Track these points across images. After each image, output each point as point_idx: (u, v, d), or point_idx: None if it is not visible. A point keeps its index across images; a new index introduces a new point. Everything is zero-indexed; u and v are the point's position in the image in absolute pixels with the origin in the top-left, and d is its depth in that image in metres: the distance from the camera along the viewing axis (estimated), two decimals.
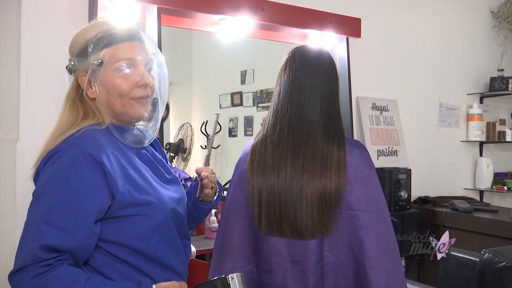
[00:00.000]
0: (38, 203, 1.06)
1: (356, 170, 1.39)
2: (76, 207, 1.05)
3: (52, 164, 1.08)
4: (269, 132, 1.43)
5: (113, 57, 1.15)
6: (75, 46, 1.18)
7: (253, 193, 1.41)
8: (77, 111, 1.17)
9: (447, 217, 3.03)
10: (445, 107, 3.61)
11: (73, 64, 1.17)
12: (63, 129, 1.14)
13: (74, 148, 1.08)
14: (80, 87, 1.17)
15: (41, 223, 1.02)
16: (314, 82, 1.42)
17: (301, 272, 1.39)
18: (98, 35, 1.16)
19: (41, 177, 1.09)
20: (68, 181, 1.05)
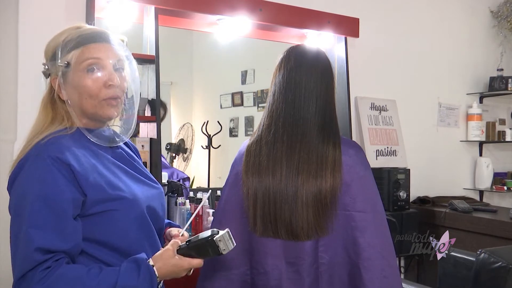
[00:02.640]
0: (19, 213, 1.07)
1: (351, 170, 1.38)
2: (57, 207, 1.06)
3: (24, 172, 1.10)
4: (264, 132, 1.43)
5: (80, 57, 1.16)
6: (48, 50, 1.20)
7: (248, 194, 1.40)
8: (45, 116, 1.20)
9: (446, 217, 3.02)
10: (444, 107, 3.61)
11: (47, 68, 1.20)
12: (32, 135, 1.17)
13: (42, 153, 1.10)
14: (53, 90, 1.19)
15: (29, 227, 1.03)
16: (309, 82, 1.41)
17: (297, 274, 1.38)
18: (67, 38, 1.18)
19: (16, 188, 1.10)
20: (42, 185, 1.07)
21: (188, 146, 3.12)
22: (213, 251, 1.14)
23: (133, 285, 1.06)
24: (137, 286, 1.06)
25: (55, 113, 1.20)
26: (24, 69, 2.09)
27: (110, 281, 1.05)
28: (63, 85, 1.16)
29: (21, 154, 1.15)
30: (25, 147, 1.15)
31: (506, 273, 1.79)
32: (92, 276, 1.04)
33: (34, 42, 2.10)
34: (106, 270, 1.07)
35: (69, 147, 1.13)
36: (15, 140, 2.06)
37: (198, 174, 3.12)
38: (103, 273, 1.06)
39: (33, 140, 1.14)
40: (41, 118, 1.20)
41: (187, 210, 2.37)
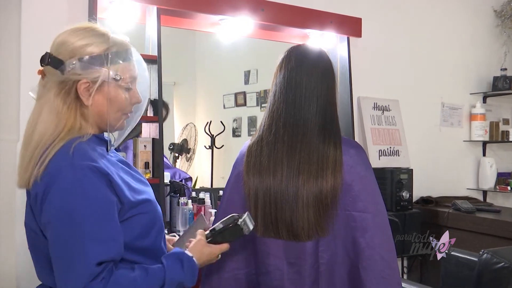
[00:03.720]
0: (67, 226, 1.03)
1: (352, 170, 1.37)
2: (106, 216, 1.06)
3: (61, 184, 1.04)
4: (265, 133, 1.42)
5: (124, 73, 1.15)
6: (79, 50, 1.12)
7: (249, 195, 1.40)
8: (59, 119, 1.11)
9: (449, 217, 3.01)
10: (447, 107, 3.59)
11: (72, 68, 1.12)
12: (45, 141, 1.09)
13: (76, 163, 1.06)
14: (73, 91, 1.13)
15: (84, 240, 1.02)
16: (310, 82, 1.40)
17: (298, 274, 1.38)
18: (114, 47, 1.15)
19: (53, 201, 1.04)
20: (88, 195, 1.04)
21: (191, 146, 3.12)
22: (238, 234, 1.27)
23: (180, 277, 1.14)
24: (183, 278, 1.15)
25: (74, 118, 1.13)
26: (26, 69, 2.09)
27: (159, 278, 1.11)
28: (98, 93, 1.13)
29: (31, 158, 1.08)
30: (35, 151, 1.09)
31: (509, 274, 1.78)
32: (142, 278, 1.08)
33: (37, 43, 2.10)
34: (152, 270, 1.11)
35: (97, 155, 1.11)
36: (18, 140, 2.06)
37: (201, 174, 3.12)
38: (150, 273, 1.10)
39: (52, 149, 1.07)
40: (50, 122, 1.11)
41: (189, 210, 2.37)
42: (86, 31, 1.15)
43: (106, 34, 1.16)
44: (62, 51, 1.13)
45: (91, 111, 1.14)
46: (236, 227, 1.27)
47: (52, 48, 1.16)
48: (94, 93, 1.12)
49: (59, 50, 1.14)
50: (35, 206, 1.07)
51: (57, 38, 1.17)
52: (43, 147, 1.08)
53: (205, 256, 1.24)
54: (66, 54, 1.12)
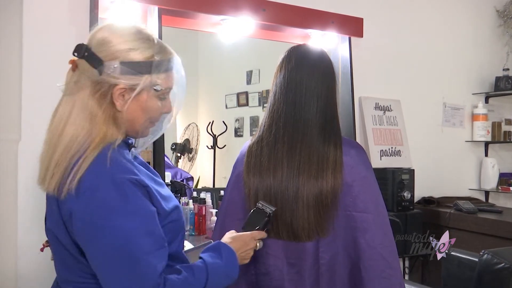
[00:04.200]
0: (119, 243, 0.99)
1: (353, 171, 1.37)
2: (153, 226, 1.05)
3: (105, 199, 1.00)
4: (265, 133, 1.42)
5: (165, 83, 1.11)
6: (122, 53, 1.06)
7: (250, 195, 1.40)
8: (93, 125, 1.05)
9: (451, 218, 3.00)
10: (449, 107, 3.58)
11: (112, 71, 1.05)
12: (77, 146, 1.03)
13: (116, 177, 1.02)
14: (108, 96, 1.07)
15: (143, 255, 1.01)
16: (310, 82, 1.40)
17: (298, 275, 1.38)
18: (158, 55, 1.10)
19: (99, 221, 0.99)
20: (133, 210, 1.02)
21: (193, 146, 3.13)
22: (262, 215, 1.31)
23: (220, 267, 1.16)
24: (224, 267, 1.17)
25: (108, 124, 1.07)
26: (28, 69, 2.10)
27: (203, 273, 1.12)
28: (134, 100, 1.07)
29: (60, 163, 1.02)
30: (67, 158, 1.02)
31: (509, 274, 1.77)
32: (191, 277, 1.09)
33: (38, 42, 2.11)
34: (196, 266, 1.13)
35: (132, 165, 1.08)
36: (20, 140, 2.07)
37: (203, 174, 3.13)
38: (195, 270, 1.11)
39: (88, 158, 1.01)
40: (81, 125, 1.05)
41: (190, 210, 2.37)
42: (132, 33, 1.09)
43: (152, 39, 1.11)
44: (103, 50, 1.06)
45: (123, 117, 1.09)
46: (256, 210, 1.32)
47: (90, 42, 1.08)
48: (132, 99, 1.07)
49: (100, 48, 1.06)
50: (69, 221, 1.02)
51: (96, 33, 1.10)
52: (74, 153, 1.02)
53: (239, 242, 1.26)
54: (107, 55, 1.06)
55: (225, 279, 1.18)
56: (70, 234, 1.04)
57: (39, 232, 2.02)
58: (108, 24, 1.12)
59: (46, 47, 2.12)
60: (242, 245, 1.26)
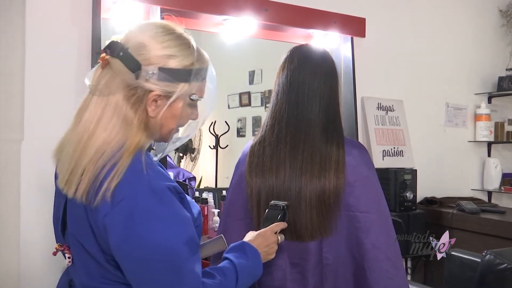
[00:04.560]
0: (162, 253, 0.98)
1: (355, 171, 1.38)
2: (192, 232, 1.05)
3: (144, 213, 0.97)
4: (267, 133, 1.43)
5: (200, 92, 1.11)
6: (161, 59, 1.03)
7: (252, 195, 1.41)
8: (129, 132, 1.02)
9: (453, 218, 3.00)
10: (452, 107, 3.58)
11: (150, 77, 1.02)
12: (109, 152, 0.99)
13: (156, 186, 0.99)
14: (143, 101, 1.04)
15: (186, 262, 1.01)
16: (312, 82, 1.41)
17: (301, 275, 1.38)
18: (197, 64, 1.08)
19: (142, 232, 0.96)
20: (173, 218, 1.00)
21: (195, 146, 3.13)
22: (277, 210, 1.32)
23: (247, 266, 1.17)
24: (251, 266, 1.19)
25: (143, 131, 1.05)
26: (31, 68, 2.10)
27: (233, 273, 1.14)
28: (165, 107, 1.05)
29: (96, 171, 0.98)
30: (98, 163, 0.98)
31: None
32: (224, 279, 1.11)
33: (40, 42, 2.12)
34: (226, 268, 1.14)
35: (162, 169, 1.07)
36: (22, 139, 2.08)
37: (206, 174, 3.13)
38: (226, 272, 1.13)
39: (119, 163, 0.98)
40: (124, 132, 1.01)
41: None
42: (173, 38, 1.06)
43: (192, 46, 1.08)
44: (142, 54, 1.03)
45: (154, 123, 1.07)
46: (270, 207, 1.33)
47: (127, 42, 1.05)
48: (166, 107, 1.04)
49: (139, 51, 1.03)
50: (102, 230, 0.98)
51: (135, 33, 1.06)
52: (107, 160, 0.98)
53: (260, 238, 1.26)
54: (146, 59, 1.02)
55: (251, 278, 1.19)
56: (98, 242, 1.01)
57: (42, 231, 2.05)
58: (147, 25, 1.08)
59: (48, 47, 2.13)
60: (263, 241, 1.26)
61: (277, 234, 1.30)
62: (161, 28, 1.07)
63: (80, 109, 1.06)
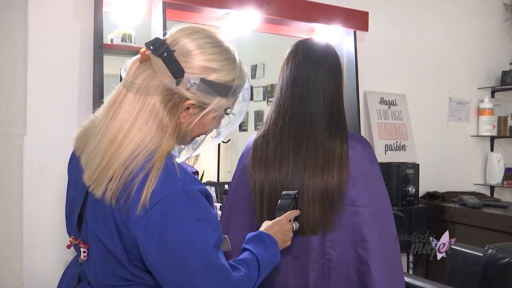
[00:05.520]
0: (197, 253, 1.00)
1: (358, 165, 1.38)
2: (221, 233, 1.08)
3: (179, 216, 0.98)
4: (271, 127, 1.44)
5: (232, 106, 1.12)
6: (205, 71, 1.04)
7: (255, 188, 1.42)
8: (163, 138, 1.01)
9: (455, 213, 3.01)
10: (455, 101, 3.58)
11: (190, 85, 1.02)
12: (143, 155, 0.99)
13: (189, 190, 1.01)
14: (179, 110, 1.05)
15: (219, 261, 1.04)
16: (317, 76, 1.41)
17: (302, 268, 1.39)
18: (238, 80, 1.10)
19: (172, 225, 0.98)
20: (206, 220, 1.02)
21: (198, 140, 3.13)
22: (289, 199, 1.34)
23: (267, 255, 1.20)
24: (270, 254, 1.21)
25: (175, 138, 1.06)
26: (33, 63, 2.11)
27: (255, 263, 1.16)
28: (198, 118, 1.06)
29: (129, 174, 0.98)
30: (131, 165, 0.98)
31: None
32: (249, 271, 1.13)
33: (43, 36, 2.12)
34: (248, 259, 1.16)
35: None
36: (25, 134, 2.09)
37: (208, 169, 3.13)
38: (249, 263, 1.15)
39: (153, 168, 0.98)
40: (159, 138, 1.01)
41: None
42: (220, 52, 1.06)
43: (236, 61, 1.10)
44: (187, 62, 1.03)
45: (183, 130, 1.08)
46: (281, 198, 1.34)
47: (173, 44, 1.04)
48: (195, 116, 1.05)
49: (184, 58, 1.03)
50: (137, 234, 0.98)
51: (183, 38, 1.05)
52: (139, 164, 0.98)
53: (276, 227, 1.29)
54: (190, 67, 1.03)
55: (270, 266, 1.23)
56: (123, 242, 1.01)
57: (44, 226, 2.06)
58: (197, 31, 1.07)
59: (50, 41, 2.14)
60: (279, 229, 1.29)
61: (292, 221, 1.33)
62: (211, 38, 1.07)
63: (112, 102, 1.04)
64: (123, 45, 2.31)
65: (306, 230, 1.37)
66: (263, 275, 1.19)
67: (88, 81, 2.18)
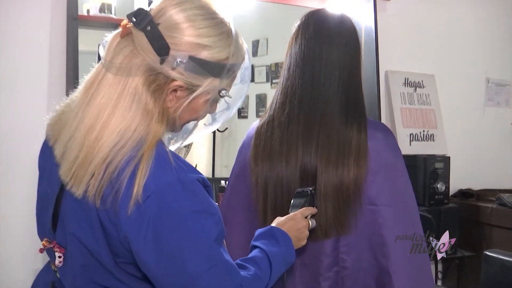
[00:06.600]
0: (199, 247, 1.02)
1: (379, 157, 1.39)
2: (223, 224, 1.09)
3: (168, 202, 0.99)
4: (276, 112, 1.44)
5: (229, 87, 1.13)
6: (194, 48, 1.03)
7: (257, 184, 1.42)
8: (149, 126, 1.02)
9: (492, 214, 3.02)
10: (493, 83, 3.58)
11: (177, 64, 1.02)
12: (129, 146, 0.99)
13: (185, 179, 1.01)
14: (165, 92, 1.04)
15: (222, 253, 1.05)
16: (331, 52, 1.41)
17: (312, 278, 1.40)
18: (233, 57, 1.09)
19: (168, 219, 0.99)
20: (208, 207, 1.04)
21: None
22: (304, 195, 1.35)
23: (279, 252, 1.22)
24: (283, 251, 1.23)
25: (162, 124, 1.05)
26: None
27: (266, 261, 1.18)
28: (187, 101, 1.06)
29: (115, 168, 0.98)
30: (116, 159, 0.98)
31: None
32: (258, 270, 1.15)
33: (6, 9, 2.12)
34: (257, 257, 1.18)
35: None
36: None
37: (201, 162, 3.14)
38: (258, 261, 1.17)
39: (143, 158, 0.98)
40: (145, 125, 1.01)
41: None
42: (212, 25, 1.06)
43: (231, 36, 1.09)
44: (174, 37, 1.02)
45: (171, 115, 1.08)
46: (296, 194, 1.36)
47: (157, 17, 1.03)
48: (184, 99, 1.05)
49: (170, 33, 1.02)
50: (126, 232, 0.99)
51: (170, 9, 1.03)
52: (125, 157, 0.98)
53: (290, 222, 1.30)
54: (176, 43, 1.02)
55: (284, 265, 1.24)
56: (110, 243, 1.02)
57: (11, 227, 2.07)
58: (187, 1, 1.06)
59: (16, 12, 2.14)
60: (293, 224, 1.30)
61: (308, 219, 1.34)
62: (202, 9, 1.06)
63: (90, 83, 1.05)
64: (102, 16, 2.31)
65: (317, 233, 1.38)
66: (275, 276, 1.19)
67: (60, 59, 2.19)
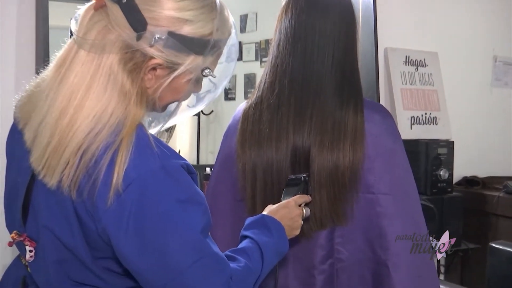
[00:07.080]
0: (189, 240, 1.02)
1: (377, 141, 1.39)
2: (209, 213, 1.09)
3: (151, 191, 0.99)
4: (265, 93, 1.44)
5: (212, 66, 1.12)
6: (175, 23, 1.02)
7: (245, 171, 1.42)
8: (128, 108, 1.01)
9: (499, 203, 3.04)
10: (501, 62, 3.59)
11: (155, 41, 1.01)
12: (106, 132, 0.98)
13: (169, 165, 1.01)
14: (142, 71, 1.04)
15: (211, 245, 1.06)
16: (325, 27, 1.41)
17: (306, 272, 1.41)
18: (218, 33, 1.08)
19: (151, 209, 0.99)
20: (194, 195, 1.05)
21: None
22: (297, 183, 1.36)
23: (271, 242, 1.23)
24: (275, 242, 1.24)
25: (140, 104, 1.04)
26: None
27: (257, 251, 1.19)
28: (167, 81, 1.05)
29: (92, 156, 0.97)
30: (93, 146, 0.97)
31: None
32: (248, 261, 1.15)
33: None
34: (248, 248, 1.19)
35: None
36: None
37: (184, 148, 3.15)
38: (248, 251, 1.18)
39: (121, 144, 0.98)
40: (122, 108, 1.00)
41: None
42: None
43: (215, 9, 1.08)
44: (152, 11, 1.01)
45: (150, 94, 1.07)
46: (288, 182, 1.37)
47: None
48: (164, 78, 1.04)
49: (148, 6, 1.01)
50: (103, 222, 0.98)
51: None
52: (103, 144, 0.98)
53: (283, 210, 1.31)
54: (155, 18, 1.01)
55: (277, 256, 1.25)
56: (87, 236, 1.02)
57: None
58: None
59: None
60: (286, 213, 1.30)
61: (302, 207, 1.34)
62: None
63: (62, 61, 1.04)
64: None
65: (311, 223, 1.38)
66: (267, 268, 1.20)
67: (29, 34, 2.18)
